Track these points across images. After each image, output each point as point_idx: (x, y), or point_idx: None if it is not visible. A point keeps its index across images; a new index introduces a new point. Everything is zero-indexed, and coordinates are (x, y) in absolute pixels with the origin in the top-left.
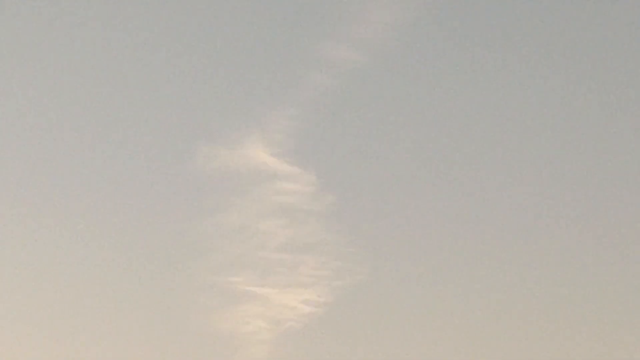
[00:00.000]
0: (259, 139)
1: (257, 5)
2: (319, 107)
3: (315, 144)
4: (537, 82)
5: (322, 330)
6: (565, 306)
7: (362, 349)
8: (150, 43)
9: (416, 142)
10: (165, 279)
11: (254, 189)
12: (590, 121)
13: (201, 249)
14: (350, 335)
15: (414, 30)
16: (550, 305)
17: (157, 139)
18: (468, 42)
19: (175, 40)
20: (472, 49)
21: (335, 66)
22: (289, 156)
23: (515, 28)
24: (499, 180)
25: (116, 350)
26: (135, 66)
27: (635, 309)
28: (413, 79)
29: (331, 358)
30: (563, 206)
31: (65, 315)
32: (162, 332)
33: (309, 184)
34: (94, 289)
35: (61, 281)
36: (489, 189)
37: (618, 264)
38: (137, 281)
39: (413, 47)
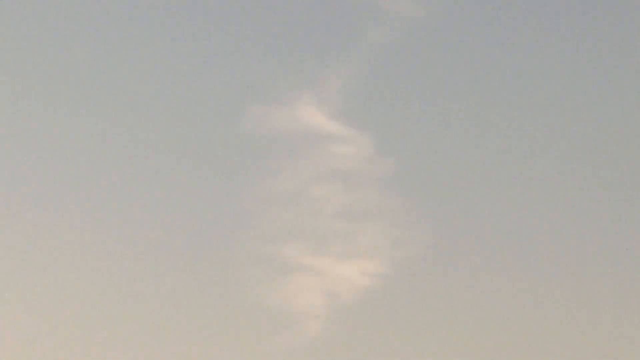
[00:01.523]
0: (312, 98)
1: None
2: (377, 64)
3: (373, 104)
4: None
5: (382, 304)
6: None
7: (426, 326)
8: None
9: (482, 99)
10: (211, 250)
11: (307, 152)
12: None
13: (250, 217)
14: (413, 310)
15: None
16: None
17: (202, 99)
18: None
19: None
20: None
21: (395, 19)
22: (345, 117)
23: None
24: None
25: (161, 327)
26: (178, 20)
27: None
28: (478, 33)
29: (392, 335)
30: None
31: (111, 288)
32: (209, 308)
33: (366, 147)
34: (136, 261)
35: (103, 254)
36: (560, 156)
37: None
38: (180, 252)
39: None
